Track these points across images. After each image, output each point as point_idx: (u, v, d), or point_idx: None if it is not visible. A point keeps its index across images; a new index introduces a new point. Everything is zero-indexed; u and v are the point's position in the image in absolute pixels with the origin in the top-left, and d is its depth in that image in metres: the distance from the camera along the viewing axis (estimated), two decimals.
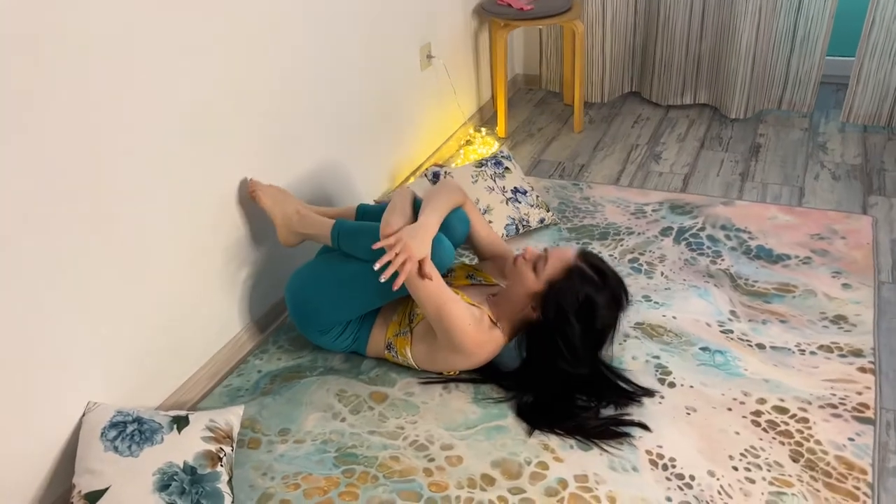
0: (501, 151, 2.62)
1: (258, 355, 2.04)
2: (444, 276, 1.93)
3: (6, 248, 1.37)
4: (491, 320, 1.77)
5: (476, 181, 2.47)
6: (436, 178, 2.49)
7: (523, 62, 3.79)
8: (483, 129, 3.35)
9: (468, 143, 3.26)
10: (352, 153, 2.47)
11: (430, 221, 1.69)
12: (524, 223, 2.46)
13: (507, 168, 2.55)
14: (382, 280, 1.64)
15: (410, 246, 1.62)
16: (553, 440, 1.70)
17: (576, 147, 3.14)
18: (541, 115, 3.48)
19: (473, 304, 1.77)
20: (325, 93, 2.28)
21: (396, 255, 1.63)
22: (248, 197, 1.98)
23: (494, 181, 2.49)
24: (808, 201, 2.60)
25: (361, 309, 1.87)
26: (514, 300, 1.78)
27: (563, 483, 1.59)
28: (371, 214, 1.98)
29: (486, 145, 3.20)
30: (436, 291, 1.68)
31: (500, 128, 3.31)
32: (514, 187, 2.51)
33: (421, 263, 1.64)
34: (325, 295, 1.85)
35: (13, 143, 1.35)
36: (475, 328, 1.72)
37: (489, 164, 2.55)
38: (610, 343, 1.77)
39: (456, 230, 1.87)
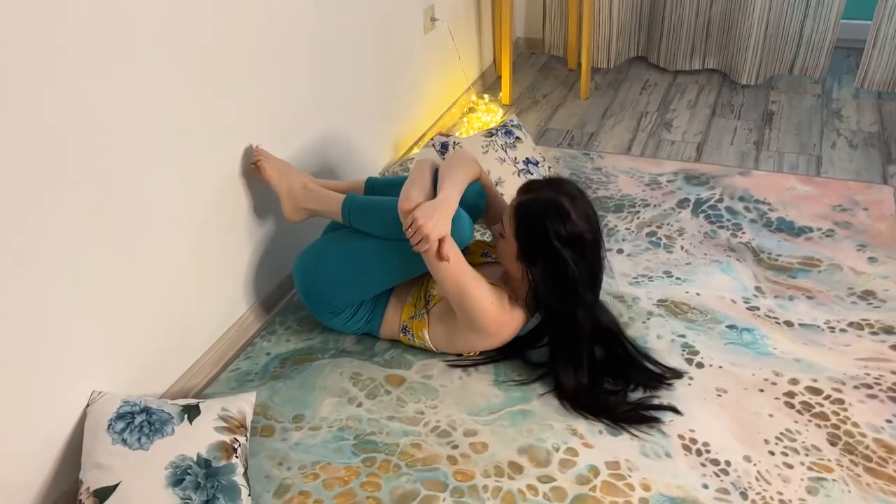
0: (511, 120, 2.51)
1: (265, 337, 1.94)
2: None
3: (2, 233, 1.27)
4: (511, 298, 1.69)
5: (486, 152, 2.37)
6: (444, 148, 2.38)
7: (525, 25, 3.66)
8: (486, 96, 3.23)
9: (471, 110, 3.15)
10: (354, 123, 2.36)
11: (450, 197, 1.59)
12: None
13: (517, 138, 2.45)
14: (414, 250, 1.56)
15: (430, 224, 1.52)
16: (581, 424, 1.63)
17: (583, 115, 3.04)
18: (545, 81, 3.37)
19: (492, 284, 1.69)
20: (326, 60, 2.15)
21: (415, 233, 1.54)
22: (251, 169, 1.87)
23: (506, 152, 2.39)
24: (827, 171, 2.53)
25: (376, 289, 1.78)
26: (514, 275, 1.70)
27: (595, 470, 1.53)
28: (381, 188, 1.88)
29: (490, 113, 3.09)
30: (456, 270, 1.60)
31: (505, 94, 3.19)
32: (526, 158, 2.41)
33: (441, 242, 1.55)
34: (336, 275, 1.76)
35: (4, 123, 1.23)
36: (497, 307, 1.64)
37: (499, 133, 2.44)
38: (605, 251, 1.68)
39: (475, 205, 1.78)
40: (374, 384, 1.77)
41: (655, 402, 1.67)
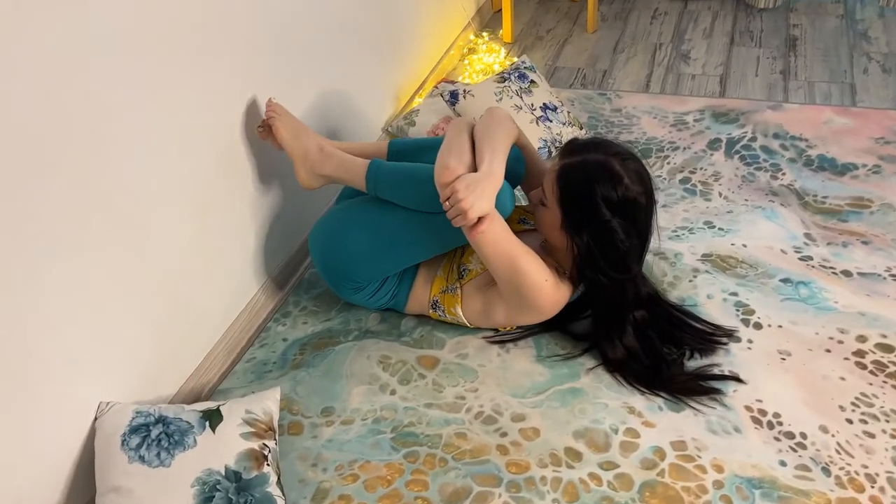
0: (523, 61, 2.30)
1: (279, 320, 1.78)
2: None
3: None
4: (557, 271, 1.53)
5: (500, 99, 2.17)
6: (454, 97, 2.17)
7: None
8: (485, 35, 3.00)
9: (471, 51, 2.92)
10: (352, 75, 2.14)
11: (495, 171, 1.39)
12: (557, 144, 2.18)
13: (532, 81, 2.24)
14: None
15: (470, 198, 1.34)
16: (638, 401, 1.50)
17: (593, 50, 2.83)
18: (546, 15, 3.13)
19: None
20: (321, 8, 1.93)
21: (453, 208, 1.36)
22: (256, 132, 1.67)
23: (521, 98, 2.19)
24: (863, 100, 2.36)
25: (404, 263, 1.61)
26: (557, 245, 1.53)
27: (660, 453, 1.40)
28: (407, 153, 1.68)
29: (492, 53, 2.87)
30: (507, 246, 1.43)
31: (506, 31, 2.96)
32: (543, 103, 2.21)
33: (481, 219, 1.38)
34: (361, 249, 1.58)
35: None
36: (552, 284, 1.48)
37: (512, 77, 2.23)
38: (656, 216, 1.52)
39: (514, 172, 1.60)
40: (406, 368, 1.62)
41: (716, 371, 1.54)
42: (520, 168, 1.62)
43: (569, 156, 1.46)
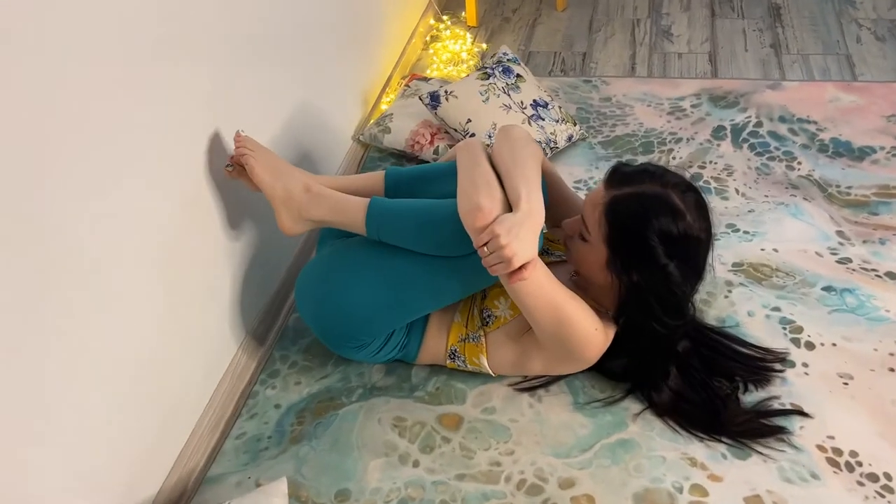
0: (505, 53, 2.07)
1: (267, 382, 1.53)
2: None
3: None
4: (598, 311, 1.33)
5: (487, 99, 1.94)
6: (434, 100, 1.93)
7: None
8: (446, 19, 2.74)
9: (434, 39, 2.66)
10: (315, 79, 1.87)
11: (535, 209, 1.16)
12: (552, 145, 1.97)
13: (518, 75, 2.01)
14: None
15: (514, 245, 1.12)
16: (698, 449, 1.33)
17: (566, 31, 2.61)
18: None
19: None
20: (280, 16, 1.65)
21: (492, 254, 1.13)
22: (229, 169, 1.40)
23: (509, 95, 1.96)
24: (863, 73, 2.22)
25: (417, 315, 1.39)
26: (597, 283, 1.32)
27: None
28: (408, 185, 1.43)
29: (457, 39, 2.62)
30: (550, 294, 1.21)
31: (470, 14, 2.71)
32: (534, 100, 1.99)
33: (525, 266, 1.16)
34: (366, 302, 1.34)
35: None
36: (602, 333, 1.27)
37: (496, 71, 2.00)
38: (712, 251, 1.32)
39: None
40: (426, 431, 1.41)
41: (776, 405, 1.38)
42: (545, 198, 1.41)
43: (618, 186, 1.25)
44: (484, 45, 2.57)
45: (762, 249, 1.69)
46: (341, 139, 2.03)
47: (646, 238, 1.20)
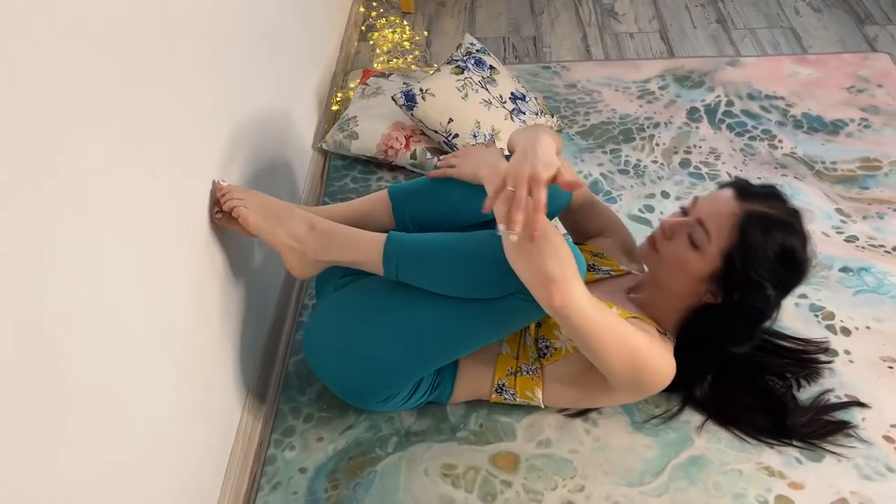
0: (471, 43, 1.92)
1: (282, 442, 1.33)
2: None
3: None
4: (659, 331, 1.23)
5: (466, 95, 1.78)
6: (410, 100, 1.75)
7: None
8: (376, 4, 2.54)
9: (371, 28, 2.46)
10: (264, 88, 1.64)
11: (542, 134, 1.08)
12: None
13: (492, 67, 1.87)
14: (513, 238, 0.99)
15: (527, 168, 1.00)
16: (771, 457, 1.27)
17: (508, 13, 2.48)
18: None
19: (634, 317, 1.21)
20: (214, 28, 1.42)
21: (515, 192, 1.00)
22: (217, 217, 1.18)
23: (487, 90, 1.82)
24: (811, 45, 2.26)
25: (446, 362, 1.23)
26: (675, 294, 1.23)
27: None
28: (421, 203, 1.26)
29: (393, 26, 2.44)
30: (619, 331, 1.09)
31: None
32: (511, 93, 1.85)
33: (556, 177, 1.02)
34: (389, 354, 1.18)
35: None
36: (671, 362, 1.17)
37: (469, 64, 1.85)
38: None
39: (558, 200, 1.26)
40: (482, 476, 1.26)
41: (832, 398, 1.34)
42: (565, 198, 1.29)
43: (752, 200, 1.17)
44: (425, 33, 2.40)
45: None
46: (301, 149, 1.81)
47: (773, 262, 1.14)
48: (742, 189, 1.20)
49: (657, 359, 1.14)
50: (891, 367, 1.39)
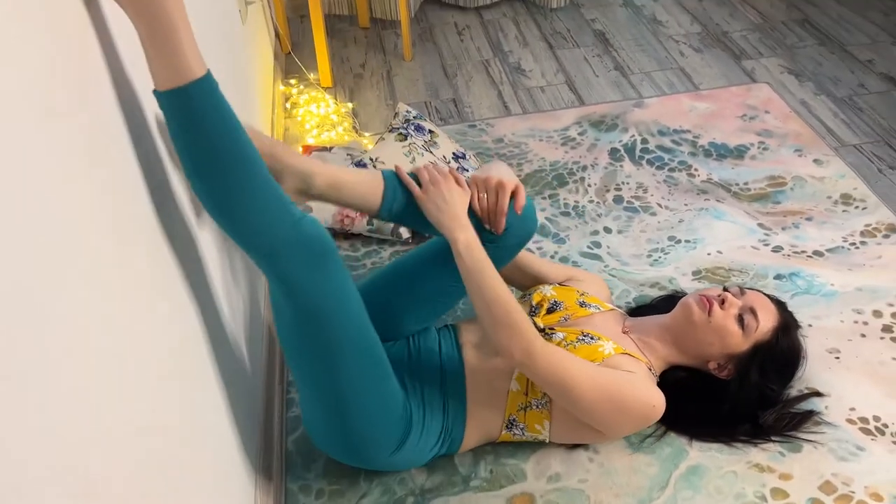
0: (408, 111, 2.02)
1: None
2: (533, 309, 1.44)
3: None
4: (650, 371, 1.35)
5: (413, 160, 1.87)
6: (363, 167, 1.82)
7: None
8: (293, 82, 2.60)
9: (293, 105, 2.51)
10: None
11: (501, 164, 1.42)
12: None
13: (431, 131, 1.98)
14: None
15: (494, 177, 1.26)
16: (758, 455, 1.39)
17: (424, 79, 2.61)
18: (346, 49, 2.82)
19: (627, 354, 1.31)
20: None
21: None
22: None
23: (431, 152, 1.92)
24: (701, 82, 2.51)
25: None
26: (688, 352, 1.40)
27: (817, 503, 1.31)
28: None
29: (317, 102, 2.50)
30: (599, 380, 1.25)
31: (324, 74, 2.58)
32: (454, 153, 1.96)
33: (516, 191, 1.26)
34: (366, 411, 1.22)
35: None
36: (660, 399, 1.30)
37: (410, 130, 1.94)
38: None
39: (524, 230, 1.34)
40: None
41: (794, 393, 1.49)
42: (531, 227, 1.35)
43: (785, 312, 1.42)
44: (349, 105, 2.49)
45: (708, 254, 1.82)
46: None
47: (791, 368, 1.41)
48: (777, 302, 1.43)
49: (643, 397, 1.28)
50: (837, 358, 1.56)
